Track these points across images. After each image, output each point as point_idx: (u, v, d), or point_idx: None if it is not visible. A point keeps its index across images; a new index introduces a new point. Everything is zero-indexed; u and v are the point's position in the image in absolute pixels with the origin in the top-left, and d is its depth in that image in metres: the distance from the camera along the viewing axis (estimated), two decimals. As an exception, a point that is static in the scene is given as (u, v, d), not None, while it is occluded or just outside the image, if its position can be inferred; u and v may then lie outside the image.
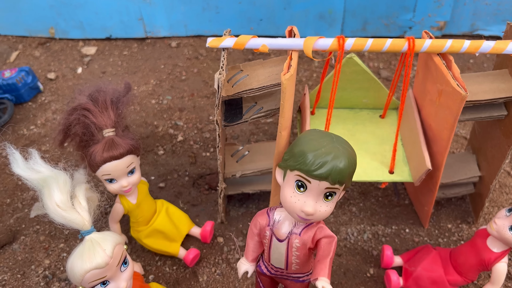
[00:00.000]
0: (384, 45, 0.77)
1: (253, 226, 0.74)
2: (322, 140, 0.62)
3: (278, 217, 0.71)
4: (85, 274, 0.69)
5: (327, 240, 0.67)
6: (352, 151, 0.63)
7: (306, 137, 0.64)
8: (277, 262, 0.74)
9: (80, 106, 0.87)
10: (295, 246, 0.70)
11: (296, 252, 0.70)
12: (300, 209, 0.63)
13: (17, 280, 0.99)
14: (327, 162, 0.59)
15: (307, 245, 0.69)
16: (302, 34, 0.82)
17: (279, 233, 0.70)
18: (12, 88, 1.39)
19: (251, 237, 0.75)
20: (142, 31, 1.67)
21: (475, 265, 0.89)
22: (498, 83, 0.86)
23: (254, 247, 0.76)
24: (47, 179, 0.73)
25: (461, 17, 1.61)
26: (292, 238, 0.69)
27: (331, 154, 0.60)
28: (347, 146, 0.63)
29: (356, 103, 1.04)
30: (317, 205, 0.63)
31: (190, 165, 1.23)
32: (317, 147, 0.61)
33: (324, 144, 0.61)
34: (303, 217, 0.64)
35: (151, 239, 0.98)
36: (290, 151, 0.65)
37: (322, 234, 0.68)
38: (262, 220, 0.72)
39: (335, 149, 0.60)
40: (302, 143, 0.63)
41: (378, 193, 1.16)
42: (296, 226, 0.69)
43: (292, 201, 0.64)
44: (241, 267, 0.77)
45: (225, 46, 0.80)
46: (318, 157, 0.60)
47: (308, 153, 0.61)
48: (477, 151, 1.05)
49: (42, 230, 1.08)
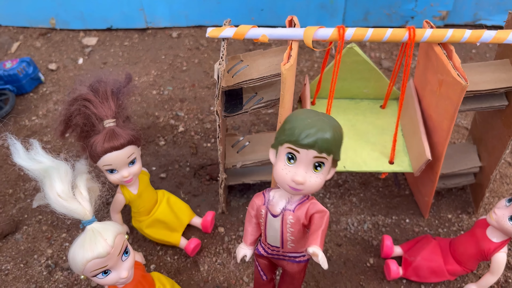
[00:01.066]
0: (385, 35, 0.77)
1: (251, 208, 0.77)
2: (308, 114, 0.67)
3: (272, 195, 0.74)
4: (87, 263, 0.69)
5: (319, 215, 0.70)
6: (337, 124, 0.68)
7: (294, 114, 0.69)
8: (272, 240, 0.76)
9: (81, 97, 0.87)
10: (289, 222, 0.72)
11: (291, 229, 0.73)
12: (291, 179, 0.67)
13: (20, 270, 1.00)
14: (313, 131, 0.64)
15: (300, 220, 0.72)
16: (303, 24, 0.82)
17: (273, 209, 0.73)
18: (14, 79, 1.39)
19: (249, 220, 0.78)
20: (143, 21, 1.66)
21: (475, 255, 0.89)
22: (499, 73, 0.85)
23: (252, 230, 0.79)
24: (48, 169, 0.73)
25: (463, 6, 1.60)
26: (286, 214, 0.72)
27: (317, 125, 0.65)
28: (332, 120, 0.67)
29: (357, 93, 1.04)
30: (307, 175, 0.67)
31: (191, 156, 1.24)
32: (304, 119, 0.66)
33: (311, 117, 0.66)
34: (294, 187, 0.67)
35: (152, 229, 0.99)
36: (281, 128, 0.69)
37: (315, 209, 0.71)
38: (258, 200, 0.75)
39: (321, 121, 0.66)
40: (290, 119, 0.68)
41: (379, 183, 1.17)
42: (290, 202, 0.72)
43: (284, 173, 0.67)
44: (239, 252, 0.79)
45: (225, 36, 0.80)
46: (305, 127, 0.65)
47: (296, 125, 0.66)
48: (477, 142, 1.05)
49: (45, 220, 1.09)
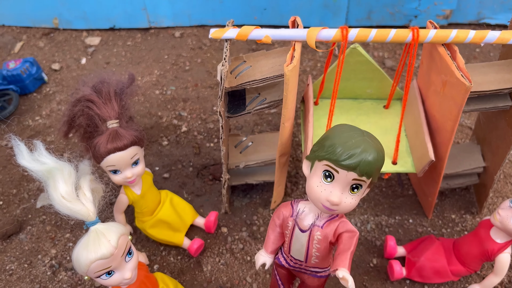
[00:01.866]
0: (388, 35, 0.77)
1: (276, 217, 0.74)
2: (352, 133, 0.63)
3: (302, 208, 0.71)
4: (91, 264, 0.69)
5: (349, 235, 0.68)
6: (381, 146, 0.64)
7: (336, 130, 0.65)
8: (297, 254, 0.74)
9: (84, 98, 0.87)
10: (317, 238, 0.70)
11: (317, 245, 0.71)
12: (326, 198, 0.64)
13: (24, 270, 1.00)
14: (357, 153, 0.61)
15: (328, 238, 0.70)
16: (306, 23, 0.82)
17: (302, 224, 0.71)
18: (17, 79, 1.39)
19: (272, 228, 0.76)
20: (146, 21, 1.66)
21: (478, 255, 0.89)
22: (503, 74, 0.85)
23: (275, 239, 0.76)
24: (52, 170, 0.73)
25: (467, 5, 1.59)
26: (314, 230, 0.70)
27: (361, 146, 0.61)
28: (376, 141, 0.64)
29: (360, 93, 1.04)
30: (342, 196, 0.64)
31: (194, 156, 1.24)
32: (348, 138, 0.62)
33: (355, 136, 0.62)
34: (328, 206, 0.65)
35: (155, 229, 0.99)
36: (320, 142, 0.66)
37: (344, 228, 0.68)
38: (286, 211, 0.73)
39: (365, 142, 0.62)
40: (332, 135, 0.64)
41: (382, 183, 1.16)
42: (319, 218, 0.70)
43: (319, 190, 0.65)
44: (259, 259, 0.77)
45: (228, 37, 0.80)
46: (348, 148, 0.61)
47: (338, 144, 0.62)
48: (481, 142, 1.05)
49: (48, 220, 1.09)
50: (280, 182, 1.05)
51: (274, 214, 0.75)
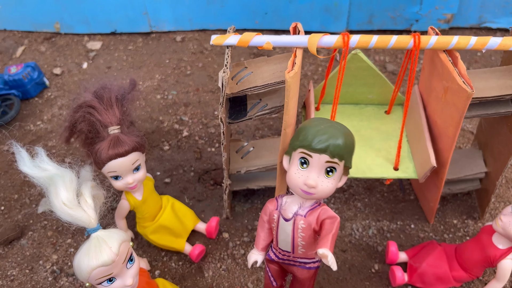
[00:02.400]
0: (389, 42, 0.77)
1: (263, 213, 0.79)
2: (321, 121, 0.72)
3: (285, 200, 0.77)
4: (92, 271, 0.69)
5: (330, 220, 0.72)
6: (349, 132, 0.72)
7: (307, 121, 0.74)
8: (284, 245, 0.78)
9: (85, 104, 0.87)
10: (301, 226, 0.74)
11: (302, 233, 0.74)
12: (303, 182, 0.70)
13: (25, 275, 1.00)
14: (326, 137, 0.68)
15: (311, 225, 0.73)
16: (307, 27, 0.82)
17: (286, 214, 0.75)
18: (19, 84, 1.39)
19: (261, 225, 0.80)
20: (147, 25, 1.66)
21: (480, 261, 0.88)
22: (505, 80, 0.85)
23: (265, 236, 0.80)
24: (53, 177, 0.73)
25: (468, 9, 1.59)
26: (298, 219, 0.74)
27: (330, 131, 0.69)
28: (344, 128, 0.71)
29: (361, 99, 1.04)
30: (319, 180, 0.70)
31: (196, 161, 1.24)
32: (317, 126, 0.70)
33: (324, 123, 0.71)
34: (306, 190, 0.70)
35: (157, 235, 0.99)
36: (295, 135, 0.73)
37: (326, 215, 0.73)
38: (271, 205, 0.78)
39: (333, 128, 0.70)
40: (304, 126, 0.72)
41: (383, 188, 1.16)
42: (302, 208, 0.74)
43: (296, 177, 0.71)
44: (251, 257, 0.81)
45: (229, 44, 0.80)
46: (318, 132, 0.69)
47: (309, 131, 0.70)
48: (483, 147, 1.04)
49: (50, 226, 1.09)
50: (282, 187, 1.04)
51: (262, 211, 0.80)
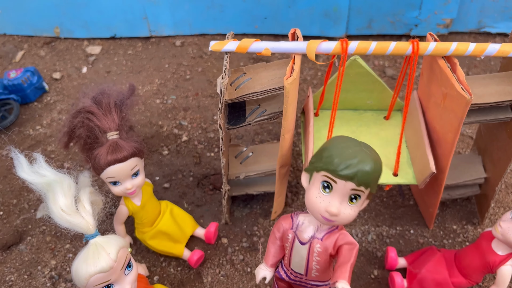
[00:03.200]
0: (388, 48, 0.77)
1: (276, 230, 0.75)
2: (349, 143, 0.64)
3: (301, 221, 0.72)
4: (90, 278, 0.69)
5: (349, 247, 0.68)
6: (378, 157, 0.65)
7: (333, 141, 0.66)
8: (297, 267, 0.74)
9: (84, 109, 0.87)
10: (316, 251, 0.70)
11: (317, 258, 0.71)
12: (324, 209, 0.65)
13: (23, 281, 1.00)
14: (354, 163, 0.61)
15: (328, 250, 0.70)
16: (306, 32, 0.82)
17: (301, 236, 0.71)
18: (18, 89, 1.39)
19: (272, 241, 0.76)
20: (147, 30, 1.67)
21: (480, 267, 0.88)
22: (504, 86, 0.85)
23: (275, 252, 0.76)
24: (51, 183, 0.73)
25: (467, 14, 1.59)
26: (314, 243, 0.70)
27: (358, 156, 0.62)
28: (373, 152, 0.65)
29: (360, 104, 1.04)
30: (341, 207, 0.64)
31: (195, 165, 1.23)
32: (345, 149, 0.63)
33: (352, 147, 0.64)
34: (327, 217, 0.65)
35: (155, 240, 0.99)
36: (318, 154, 0.67)
37: (344, 240, 0.69)
38: (286, 224, 0.73)
39: (362, 152, 0.63)
40: (329, 146, 0.65)
41: (383, 193, 1.16)
42: (319, 231, 0.70)
43: (317, 201, 0.65)
44: (259, 273, 0.77)
45: (228, 50, 0.80)
46: (346, 157, 0.62)
47: (335, 154, 0.63)
48: (482, 152, 1.04)
49: (48, 231, 1.09)
50: (281, 192, 1.04)
51: (274, 227, 0.75)
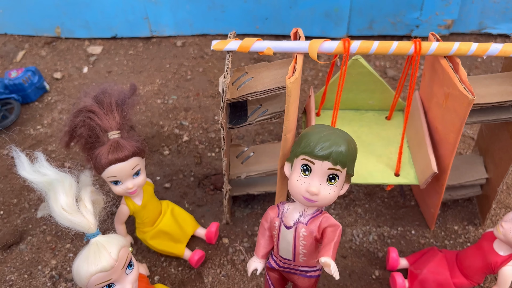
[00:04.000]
0: (390, 48, 0.77)
1: (264, 220, 0.79)
2: (324, 128, 0.71)
3: (287, 207, 0.76)
4: (91, 277, 0.69)
5: (332, 228, 0.72)
6: (351, 139, 0.71)
7: (309, 128, 0.73)
8: (285, 253, 0.77)
9: (85, 108, 0.87)
10: (302, 234, 0.73)
11: (303, 241, 0.74)
12: (305, 189, 0.69)
13: (24, 281, 1.00)
14: (328, 144, 0.67)
15: (313, 233, 0.73)
16: (308, 32, 0.82)
17: (287, 222, 0.75)
18: (19, 88, 1.39)
19: (262, 232, 0.79)
20: (148, 30, 1.67)
21: (482, 268, 0.88)
22: (506, 86, 0.85)
23: (265, 243, 0.80)
24: (52, 182, 0.73)
25: (469, 15, 1.59)
26: (299, 227, 0.73)
27: (332, 138, 0.68)
28: (347, 134, 0.71)
29: (362, 104, 1.04)
30: (321, 187, 0.69)
31: (196, 165, 1.23)
32: (320, 133, 0.70)
33: (326, 130, 0.70)
34: (308, 197, 0.70)
35: (156, 240, 0.98)
36: (297, 142, 0.73)
37: (327, 223, 0.72)
38: (273, 212, 0.77)
39: (336, 134, 0.69)
40: (306, 132, 0.72)
41: (384, 194, 1.16)
42: (303, 215, 0.74)
43: (298, 184, 0.70)
44: (251, 265, 0.80)
45: (230, 49, 0.80)
46: (320, 139, 0.68)
47: (311, 138, 0.69)
48: (484, 153, 1.04)
49: (49, 230, 1.09)
50: (282, 192, 1.04)
51: (263, 218, 0.79)
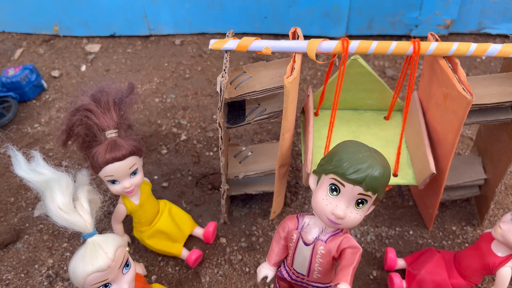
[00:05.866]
0: (389, 48, 0.76)
1: (281, 229, 0.75)
2: (360, 148, 0.65)
3: (307, 222, 0.72)
4: (87, 277, 0.69)
5: (352, 251, 0.69)
6: (387, 163, 0.66)
7: (344, 145, 0.67)
8: (299, 267, 0.75)
9: (83, 107, 0.87)
10: (320, 252, 0.71)
11: (320, 259, 0.71)
12: (331, 211, 0.65)
13: (20, 280, 0.99)
14: (363, 167, 0.62)
15: (331, 253, 0.70)
16: (307, 32, 0.82)
17: (306, 237, 0.71)
18: (16, 86, 1.39)
19: (277, 240, 0.76)
20: (146, 28, 1.66)
21: (479, 269, 0.88)
22: (505, 86, 0.84)
23: (279, 251, 0.77)
24: (49, 181, 0.73)
25: (468, 15, 1.59)
26: (318, 244, 0.71)
27: (368, 161, 0.63)
28: (383, 158, 0.65)
29: (361, 104, 1.03)
30: (347, 210, 0.65)
31: (194, 165, 1.23)
32: (355, 153, 0.64)
33: (362, 152, 0.64)
34: (332, 220, 0.66)
35: (153, 239, 0.98)
36: (327, 156, 0.67)
37: (348, 244, 0.69)
38: (291, 224, 0.73)
39: (372, 157, 0.63)
40: (340, 150, 0.66)
41: (382, 194, 1.16)
42: (323, 233, 0.71)
43: (324, 203, 0.66)
44: (261, 271, 0.78)
45: (228, 48, 0.80)
46: (355, 162, 0.62)
47: (345, 158, 0.63)
48: (483, 153, 1.04)
49: (46, 229, 1.08)
50: (280, 192, 1.04)
51: (280, 227, 0.76)
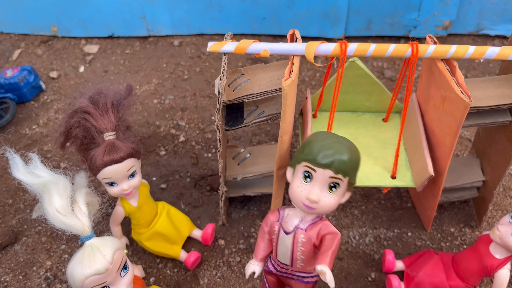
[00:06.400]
0: (387, 50, 0.76)
1: (264, 224, 0.79)
2: (327, 136, 0.70)
3: (287, 213, 0.76)
4: (85, 280, 0.69)
5: (331, 236, 0.72)
6: (355, 148, 0.70)
7: (313, 135, 0.72)
8: (283, 258, 0.78)
9: (81, 109, 0.86)
10: (301, 241, 0.74)
11: (301, 247, 0.74)
12: (305, 196, 0.69)
13: (19, 282, 0.99)
14: (331, 152, 0.67)
15: (312, 240, 0.73)
16: (305, 33, 0.82)
17: (286, 227, 0.75)
18: (14, 88, 1.38)
19: (261, 236, 0.80)
20: (145, 29, 1.66)
21: (478, 271, 0.88)
22: (503, 89, 0.84)
23: (264, 246, 0.80)
24: (47, 184, 0.73)
25: (467, 16, 1.59)
26: (298, 233, 0.74)
27: (335, 146, 0.67)
28: (350, 143, 0.70)
29: (359, 106, 1.03)
30: (321, 195, 0.69)
31: (192, 166, 1.23)
32: (323, 140, 0.69)
33: (329, 138, 0.69)
34: (308, 205, 0.69)
35: (152, 241, 0.98)
36: (300, 148, 0.72)
37: (327, 230, 0.72)
38: (273, 217, 0.78)
39: (339, 142, 0.68)
40: (309, 140, 0.71)
41: (381, 195, 1.16)
42: (303, 222, 0.74)
43: (299, 190, 0.70)
44: (249, 267, 0.81)
45: (226, 51, 0.80)
46: (323, 147, 0.67)
47: (314, 145, 0.68)
48: (481, 155, 1.04)
49: (44, 231, 1.08)
50: (278, 194, 1.04)
51: (263, 222, 0.79)
